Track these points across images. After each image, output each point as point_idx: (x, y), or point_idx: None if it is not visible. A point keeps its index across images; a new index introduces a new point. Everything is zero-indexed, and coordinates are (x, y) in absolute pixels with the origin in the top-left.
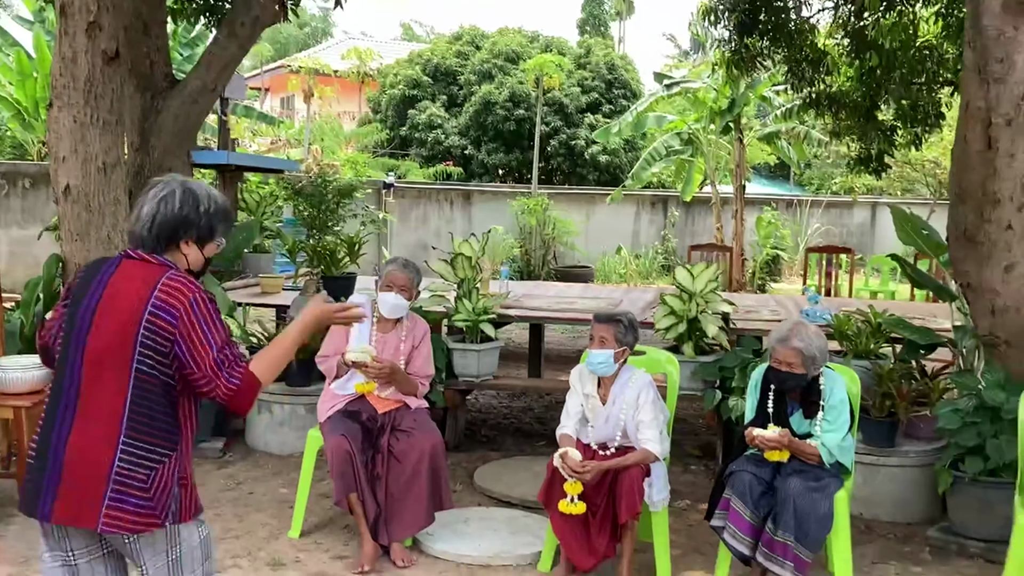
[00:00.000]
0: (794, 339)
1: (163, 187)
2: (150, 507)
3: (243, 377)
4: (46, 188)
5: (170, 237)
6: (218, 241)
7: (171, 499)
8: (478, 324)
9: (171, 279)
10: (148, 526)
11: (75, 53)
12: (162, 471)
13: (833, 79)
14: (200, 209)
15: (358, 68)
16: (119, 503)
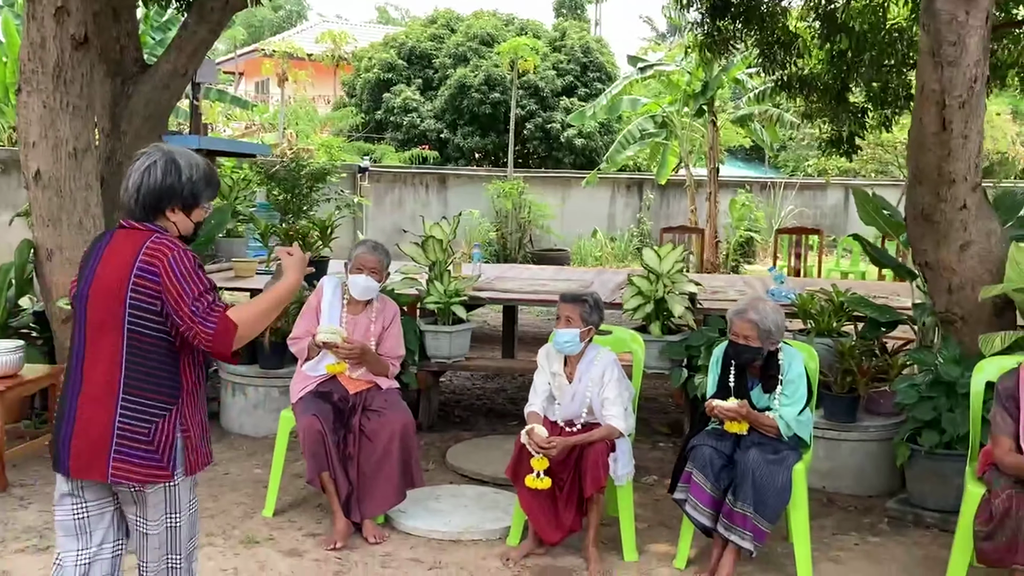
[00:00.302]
0: (750, 312)
1: (147, 158)
2: (155, 459)
3: (218, 321)
4: (17, 174)
5: (156, 206)
6: (204, 206)
7: (175, 452)
8: (449, 306)
9: (154, 242)
10: (156, 477)
11: (43, 38)
12: (162, 425)
13: (804, 62)
14: (183, 177)
15: (333, 52)
16: (125, 456)
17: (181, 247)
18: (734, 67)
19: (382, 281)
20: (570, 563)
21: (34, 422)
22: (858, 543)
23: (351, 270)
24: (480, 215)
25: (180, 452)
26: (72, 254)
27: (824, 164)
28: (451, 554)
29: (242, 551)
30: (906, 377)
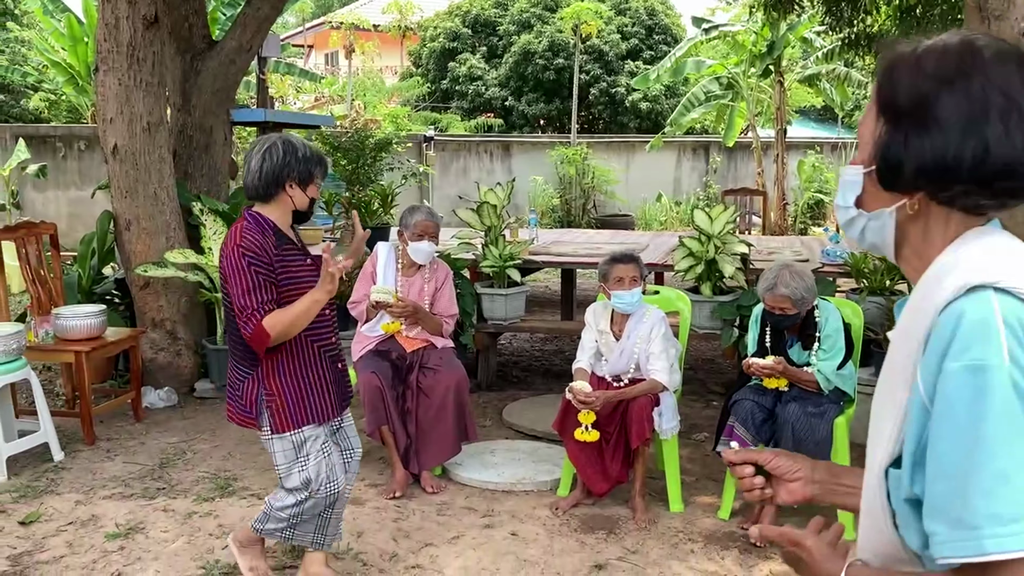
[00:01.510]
0: (780, 287)
1: (266, 142)
2: (245, 411)
3: (255, 328)
4: (100, 149)
5: (276, 182)
6: (317, 183)
7: (261, 412)
8: (504, 270)
9: (234, 228)
10: (249, 423)
11: (117, 19)
12: (248, 386)
13: (872, 18)
14: (299, 155)
15: (398, 22)
16: (232, 402)
17: (243, 238)
18: (800, 26)
19: (438, 243)
20: (616, 513)
21: (118, 381)
22: None
23: (412, 237)
24: (544, 181)
25: (264, 412)
26: (148, 224)
27: None
28: (503, 503)
29: None
30: None
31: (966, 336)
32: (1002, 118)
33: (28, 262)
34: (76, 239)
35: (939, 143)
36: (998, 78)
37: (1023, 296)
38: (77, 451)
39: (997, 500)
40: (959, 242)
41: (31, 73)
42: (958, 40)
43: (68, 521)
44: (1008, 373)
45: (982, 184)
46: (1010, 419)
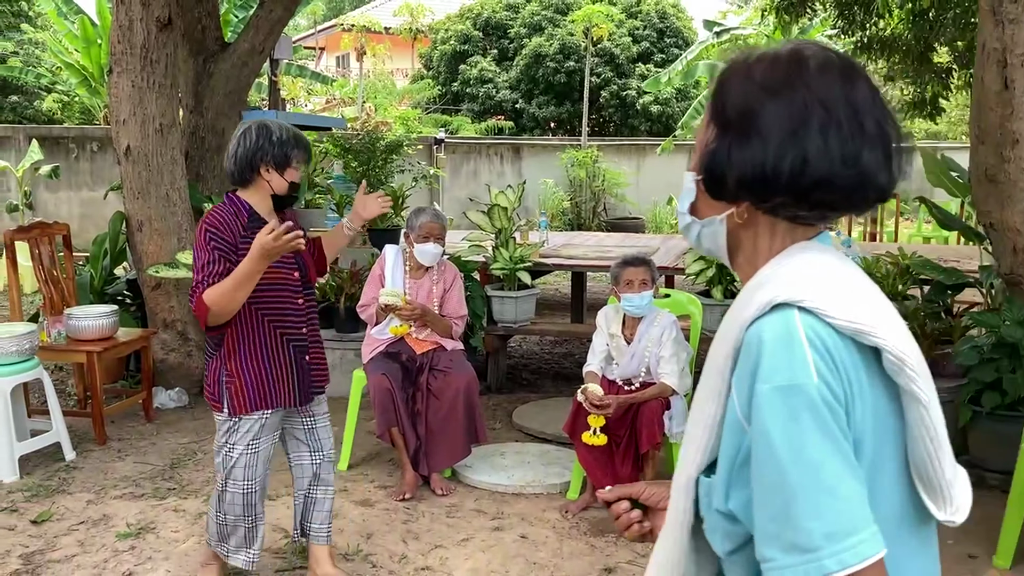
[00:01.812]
0: None
1: (243, 127)
2: (211, 390)
3: (197, 301)
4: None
5: (251, 166)
6: (295, 167)
7: (222, 393)
8: (515, 272)
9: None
10: (213, 404)
11: (131, 21)
12: (212, 365)
13: (885, 22)
14: (273, 138)
15: (410, 25)
16: (205, 383)
17: (211, 217)
18: (813, 29)
19: (444, 245)
20: None
21: (129, 382)
22: None
23: (417, 239)
24: (554, 184)
25: (225, 394)
26: (160, 225)
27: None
28: (513, 506)
29: None
30: (969, 339)
31: (772, 356)
32: (821, 131)
33: (41, 262)
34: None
35: (759, 154)
36: (820, 90)
37: (826, 316)
38: (88, 451)
39: (828, 518)
40: (783, 255)
41: (45, 75)
42: (788, 50)
43: (80, 520)
44: (817, 390)
45: (800, 196)
46: (826, 435)
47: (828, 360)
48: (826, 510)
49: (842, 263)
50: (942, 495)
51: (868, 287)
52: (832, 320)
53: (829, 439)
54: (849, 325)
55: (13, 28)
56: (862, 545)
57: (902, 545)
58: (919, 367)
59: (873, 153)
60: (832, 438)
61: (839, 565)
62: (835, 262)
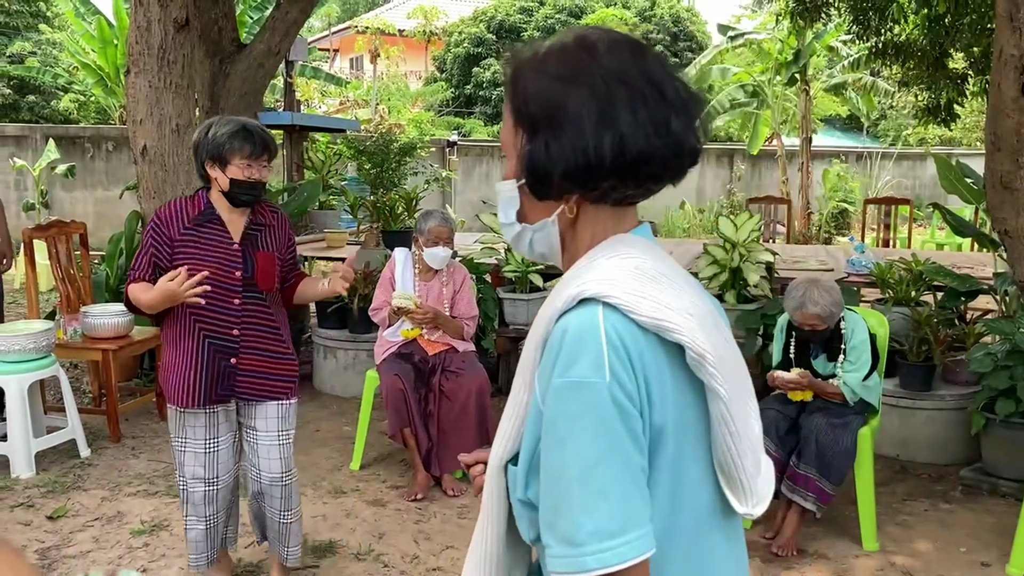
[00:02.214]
0: (809, 305)
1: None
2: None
3: (126, 289)
4: (127, 150)
5: (199, 165)
6: (240, 163)
7: (163, 379)
8: (527, 275)
9: None
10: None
11: (149, 22)
12: (162, 351)
13: (900, 27)
14: (209, 133)
15: (423, 27)
16: None
17: (157, 216)
18: (827, 34)
19: (452, 247)
20: None
21: (143, 380)
22: (928, 509)
23: (427, 243)
24: None
25: (165, 383)
26: None
27: (924, 133)
28: None
29: (330, 500)
30: (983, 346)
31: (570, 351)
32: (630, 106)
33: (58, 261)
34: (102, 238)
35: (578, 143)
36: (615, 68)
37: (629, 313)
38: (103, 448)
39: (597, 517)
40: (599, 248)
41: (62, 75)
42: (572, 38)
43: (94, 517)
44: (608, 389)
45: (625, 175)
46: (609, 436)
47: (625, 359)
48: (596, 509)
49: (654, 258)
50: (743, 489)
51: (679, 283)
52: (635, 316)
53: (610, 440)
54: (652, 322)
55: (31, 28)
56: (626, 547)
57: (710, 537)
58: (720, 364)
59: (680, 119)
60: (613, 439)
61: (599, 563)
62: (647, 257)
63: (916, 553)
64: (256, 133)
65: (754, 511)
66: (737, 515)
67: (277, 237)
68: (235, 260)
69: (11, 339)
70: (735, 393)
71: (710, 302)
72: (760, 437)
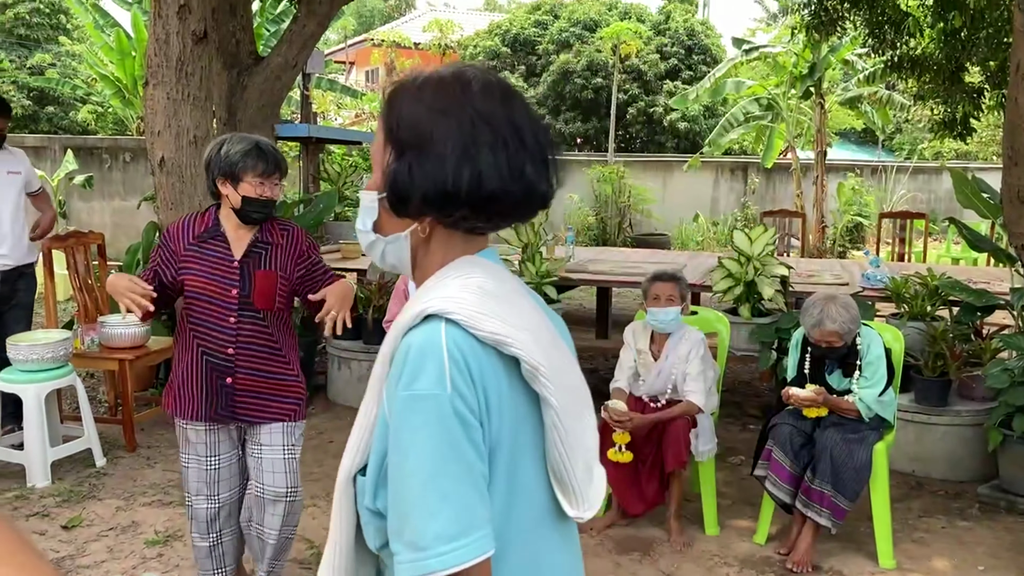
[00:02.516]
0: (827, 322)
1: None
2: None
3: None
4: (144, 161)
5: (210, 182)
6: (251, 180)
7: (166, 390)
8: (541, 287)
9: None
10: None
11: (167, 34)
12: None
13: (916, 41)
14: (222, 150)
15: (439, 40)
16: None
17: (167, 230)
18: (842, 48)
19: None
20: (651, 535)
21: (159, 389)
22: (945, 526)
23: None
24: (580, 200)
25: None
26: None
27: (940, 147)
28: None
29: None
30: (999, 361)
31: (414, 365)
32: (491, 148)
33: (76, 271)
34: (119, 248)
35: (439, 172)
36: (485, 109)
37: (469, 328)
38: (118, 457)
39: (441, 521)
40: (448, 268)
41: (80, 86)
42: (451, 72)
43: (109, 527)
44: (450, 401)
45: (477, 209)
46: (449, 444)
47: (465, 372)
48: (439, 514)
49: (498, 278)
50: (574, 494)
51: (520, 301)
52: (475, 331)
53: (452, 448)
54: (491, 336)
55: (51, 40)
56: (466, 548)
57: (545, 541)
58: (554, 376)
59: (534, 166)
60: (455, 447)
61: (441, 565)
62: (491, 277)
63: (933, 571)
64: (268, 151)
65: (584, 515)
66: (570, 518)
67: (285, 255)
68: (233, 278)
69: (29, 348)
70: (567, 404)
71: (551, 320)
72: (594, 450)
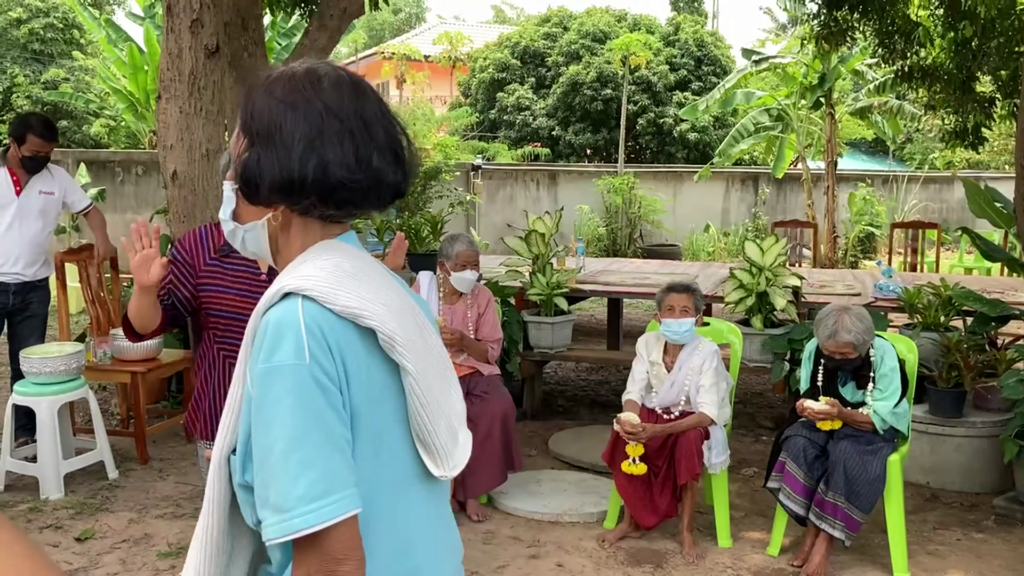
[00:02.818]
0: (843, 333)
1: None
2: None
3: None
4: (156, 175)
5: None
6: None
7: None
8: (552, 298)
9: None
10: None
11: (180, 49)
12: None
13: (927, 51)
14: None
15: (449, 53)
16: None
17: (180, 241)
18: (852, 58)
19: (479, 271)
20: (664, 547)
21: (171, 402)
22: (960, 538)
23: (455, 267)
24: (590, 210)
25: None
26: None
27: (951, 156)
28: (549, 534)
29: None
30: (1015, 372)
31: (273, 339)
32: (338, 139)
33: (89, 284)
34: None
35: (285, 162)
36: (333, 103)
37: (325, 303)
38: (131, 470)
39: (304, 483)
40: (308, 252)
41: (93, 100)
42: (304, 68)
43: (122, 539)
44: (309, 371)
45: (325, 197)
46: (312, 411)
47: (323, 343)
48: (302, 477)
49: (354, 258)
50: (438, 454)
51: (378, 280)
52: (330, 306)
53: (313, 414)
54: (346, 310)
55: (65, 55)
56: (329, 507)
57: (412, 500)
58: (409, 346)
59: (383, 157)
60: (316, 414)
61: (304, 524)
62: (349, 258)
63: None
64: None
65: (449, 474)
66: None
67: None
68: (257, 290)
69: (42, 361)
70: (426, 371)
71: (411, 299)
72: (459, 415)
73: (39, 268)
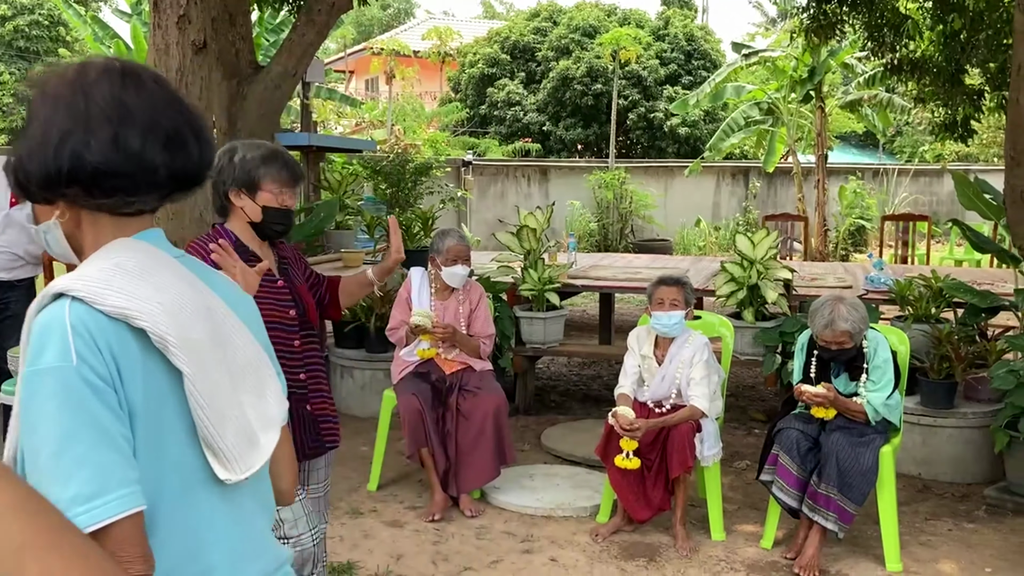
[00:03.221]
0: (839, 322)
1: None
2: None
3: None
4: None
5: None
6: (271, 188)
7: None
8: (543, 293)
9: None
10: None
11: (167, 45)
12: None
13: (916, 44)
14: (235, 158)
15: (438, 48)
16: None
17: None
18: (842, 51)
19: (470, 266)
20: (657, 540)
21: None
22: (952, 529)
23: (446, 262)
24: (581, 206)
25: None
26: None
27: (941, 149)
28: (542, 528)
29: (348, 521)
30: (1005, 363)
31: (38, 342)
32: (96, 125)
33: None
34: None
35: (40, 154)
36: (95, 92)
37: (94, 304)
38: None
39: (75, 484)
40: (100, 250)
41: None
42: (77, 63)
43: None
44: (76, 371)
45: (88, 186)
46: (81, 411)
47: (91, 343)
48: (72, 478)
49: (145, 256)
50: (226, 457)
51: (167, 279)
52: (99, 307)
53: (83, 414)
54: (115, 310)
55: (51, 53)
56: (104, 507)
57: (201, 505)
58: (188, 345)
59: (148, 144)
60: (87, 413)
61: (79, 525)
62: (136, 256)
63: (941, 574)
64: (289, 157)
65: (237, 477)
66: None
67: (297, 269)
68: (286, 298)
69: None
70: (210, 373)
71: (216, 299)
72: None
73: (18, 270)
